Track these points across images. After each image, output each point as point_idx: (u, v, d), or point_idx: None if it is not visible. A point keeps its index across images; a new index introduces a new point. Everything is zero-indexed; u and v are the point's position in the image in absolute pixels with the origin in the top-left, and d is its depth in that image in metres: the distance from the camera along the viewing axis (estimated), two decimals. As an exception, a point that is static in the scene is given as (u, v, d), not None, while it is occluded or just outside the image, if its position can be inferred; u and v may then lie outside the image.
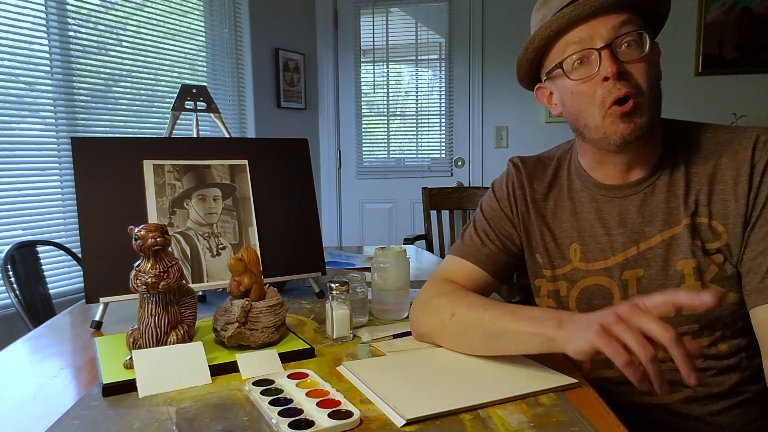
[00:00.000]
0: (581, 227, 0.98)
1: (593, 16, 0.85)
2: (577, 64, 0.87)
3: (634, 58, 0.84)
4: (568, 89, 0.90)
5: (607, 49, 0.84)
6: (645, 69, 0.85)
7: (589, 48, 0.85)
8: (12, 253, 1.69)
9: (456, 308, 0.92)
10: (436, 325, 0.94)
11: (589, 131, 0.89)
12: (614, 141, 0.86)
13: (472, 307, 0.90)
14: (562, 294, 1.00)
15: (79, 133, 2.31)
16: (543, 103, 1.00)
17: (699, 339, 0.90)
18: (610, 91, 0.84)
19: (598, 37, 0.85)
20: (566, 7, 0.86)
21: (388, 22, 3.61)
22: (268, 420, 0.70)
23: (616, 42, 0.84)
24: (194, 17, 2.88)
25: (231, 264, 0.94)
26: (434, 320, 0.94)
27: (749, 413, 0.92)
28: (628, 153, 0.90)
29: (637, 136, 0.85)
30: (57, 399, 0.79)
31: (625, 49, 0.85)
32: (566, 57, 0.87)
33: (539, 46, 0.91)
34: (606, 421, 0.70)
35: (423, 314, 0.97)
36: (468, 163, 3.57)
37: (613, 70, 0.83)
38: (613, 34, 0.84)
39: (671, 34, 3.18)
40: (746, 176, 0.85)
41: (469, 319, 0.89)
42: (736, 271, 0.86)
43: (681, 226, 0.89)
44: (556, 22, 0.86)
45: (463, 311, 0.91)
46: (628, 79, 0.84)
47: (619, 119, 0.85)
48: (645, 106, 0.85)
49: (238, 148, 1.29)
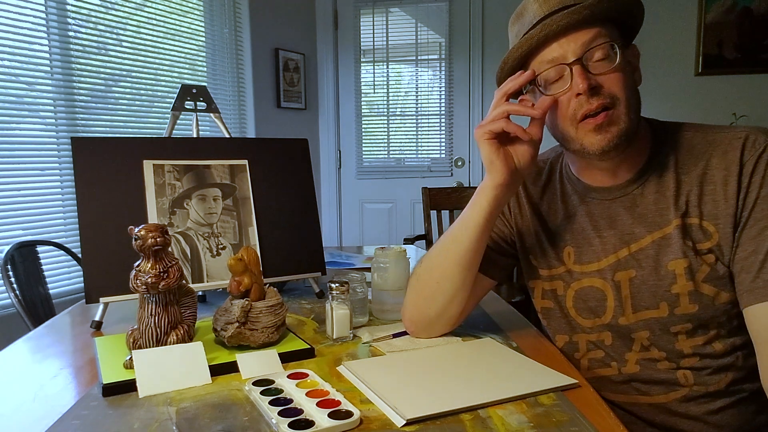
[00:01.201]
0: (574, 230, 0.98)
1: (562, 34, 0.85)
2: (551, 80, 0.88)
3: (606, 70, 0.85)
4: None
5: (578, 64, 0.85)
6: (618, 79, 0.86)
7: (560, 64, 0.86)
8: (12, 253, 1.69)
9: (418, 265, 1.03)
10: (412, 287, 1.02)
11: (568, 143, 0.91)
12: (592, 151, 0.88)
13: (430, 252, 1.02)
14: (560, 293, 1.00)
15: (79, 133, 2.31)
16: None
17: (693, 338, 0.90)
18: (582, 105, 0.85)
19: (569, 53, 0.85)
20: (534, 27, 0.87)
21: (388, 22, 3.61)
22: (268, 420, 0.70)
23: (586, 56, 0.85)
24: (194, 17, 2.88)
25: (231, 264, 0.94)
26: (410, 287, 1.03)
27: (746, 412, 0.92)
28: (610, 159, 0.91)
29: (615, 144, 0.86)
30: (57, 399, 0.79)
31: (596, 62, 0.85)
32: (540, 74, 0.89)
33: (513, 65, 0.93)
34: (606, 421, 0.70)
35: (406, 297, 1.04)
36: (468, 163, 3.57)
37: (584, 87, 0.84)
38: (583, 49, 0.85)
39: (671, 34, 3.18)
40: (736, 176, 0.86)
41: (430, 256, 1.01)
42: (728, 270, 0.87)
43: (671, 226, 0.89)
44: (525, 43, 0.88)
45: (424, 258, 1.02)
46: (600, 93, 0.85)
47: (593, 132, 0.86)
48: (621, 114, 0.86)
49: (238, 148, 1.29)
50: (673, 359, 0.91)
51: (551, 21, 0.84)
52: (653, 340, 0.92)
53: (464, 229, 0.95)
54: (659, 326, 0.91)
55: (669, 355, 0.91)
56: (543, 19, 0.87)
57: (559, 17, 0.84)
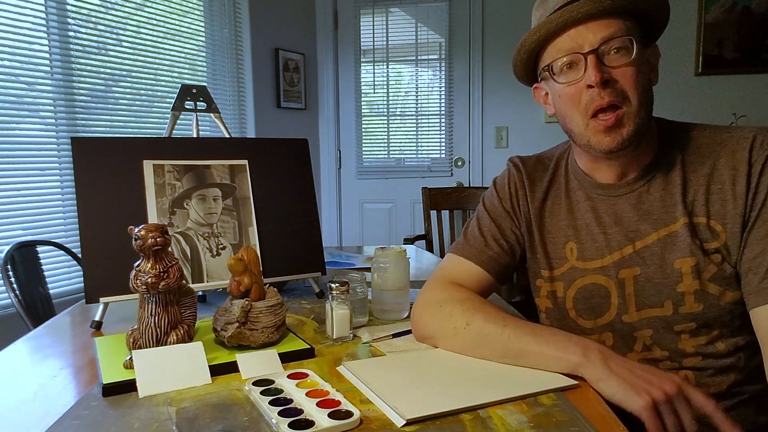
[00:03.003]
0: (577, 226, 0.98)
1: (581, 22, 0.85)
2: (565, 68, 0.88)
3: (621, 64, 0.85)
4: (557, 92, 0.91)
5: (593, 54, 0.85)
6: (632, 74, 0.85)
7: (576, 53, 0.86)
8: (12, 253, 1.69)
9: (471, 318, 0.91)
10: (448, 332, 0.93)
11: (575, 136, 0.91)
12: (600, 150, 0.88)
13: (490, 320, 0.90)
14: (559, 295, 1.00)
15: (79, 133, 2.31)
16: (539, 102, 1.01)
17: (696, 338, 0.90)
18: (593, 98, 0.85)
19: (586, 43, 0.85)
20: (555, 12, 0.87)
21: (388, 22, 3.61)
22: (268, 420, 0.70)
23: (603, 48, 0.85)
24: (194, 17, 2.88)
25: (231, 264, 0.94)
26: (446, 326, 0.93)
27: (746, 413, 0.92)
28: (618, 159, 0.91)
29: (623, 146, 0.86)
30: (57, 399, 0.79)
31: (612, 55, 0.85)
32: (555, 60, 0.88)
33: (529, 49, 0.92)
34: (606, 421, 0.70)
35: (432, 319, 0.96)
36: (468, 163, 3.57)
37: (597, 79, 0.83)
38: (599, 40, 0.85)
39: (671, 34, 3.18)
40: (744, 176, 0.86)
41: (486, 332, 0.89)
42: (734, 270, 0.86)
43: (678, 224, 0.89)
44: (544, 27, 0.87)
45: (480, 323, 0.90)
46: (613, 87, 0.85)
47: (602, 132, 0.86)
48: (631, 113, 0.86)
49: (238, 148, 1.29)
50: (675, 359, 0.91)
51: (572, 7, 0.84)
52: (656, 339, 0.92)
53: (533, 364, 0.85)
54: (663, 325, 0.90)
55: (671, 355, 0.91)
56: (565, 5, 0.86)
57: (580, 4, 0.84)
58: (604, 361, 0.79)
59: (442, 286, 1.00)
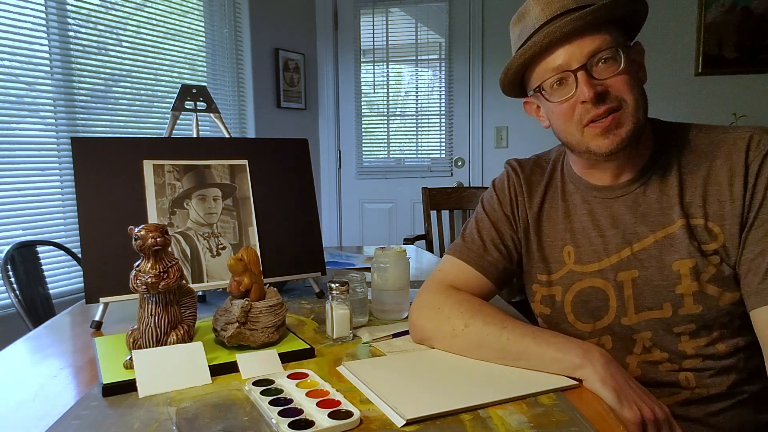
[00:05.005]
0: (574, 229, 0.98)
1: (566, 41, 0.85)
2: (556, 85, 0.88)
3: (611, 74, 0.85)
4: (550, 109, 0.92)
5: (582, 70, 0.85)
6: (624, 81, 0.85)
7: (565, 71, 0.86)
8: (12, 253, 1.69)
9: (470, 320, 0.91)
10: (446, 334, 0.93)
11: (573, 147, 0.91)
12: (600, 154, 0.88)
13: (488, 322, 0.90)
14: (557, 299, 0.99)
15: (79, 133, 2.31)
16: (532, 115, 1.01)
17: (696, 339, 0.90)
18: (588, 111, 0.86)
19: (573, 60, 0.85)
20: (537, 32, 0.87)
21: (388, 22, 3.61)
22: (268, 420, 0.70)
23: (591, 62, 0.85)
24: (194, 17, 2.88)
25: (231, 264, 0.94)
26: (444, 328, 0.93)
27: (746, 414, 0.92)
28: (616, 160, 0.91)
29: (622, 146, 0.86)
30: (57, 399, 0.79)
31: (601, 66, 0.85)
32: (544, 81, 0.89)
33: (517, 70, 0.93)
34: (606, 421, 0.70)
35: (429, 320, 0.96)
36: (468, 163, 3.57)
37: (590, 95, 0.84)
38: (587, 55, 0.85)
39: (671, 34, 3.18)
40: (741, 177, 0.85)
41: (485, 334, 0.89)
42: (733, 271, 0.86)
43: (675, 226, 0.89)
44: (529, 50, 0.87)
45: (478, 325, 0.90)
46: (605, 99, 0.85)
47: (600, 135, 0.86)
48: (628, 115, 0.86)
49: (238, 148, 1.29)
50: (675, 361, 0.91)
51: (555, 27, 0.84)
52: (656, 340, 0.92)
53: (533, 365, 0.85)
54: (662, 327, 0.90)
55: (671, 357, 0.91)
56: (546, 24, 0.86)
57: (563, 23, 0.83)
58: (605, 364, 0.79)
59: (440, 289, 0.99)
